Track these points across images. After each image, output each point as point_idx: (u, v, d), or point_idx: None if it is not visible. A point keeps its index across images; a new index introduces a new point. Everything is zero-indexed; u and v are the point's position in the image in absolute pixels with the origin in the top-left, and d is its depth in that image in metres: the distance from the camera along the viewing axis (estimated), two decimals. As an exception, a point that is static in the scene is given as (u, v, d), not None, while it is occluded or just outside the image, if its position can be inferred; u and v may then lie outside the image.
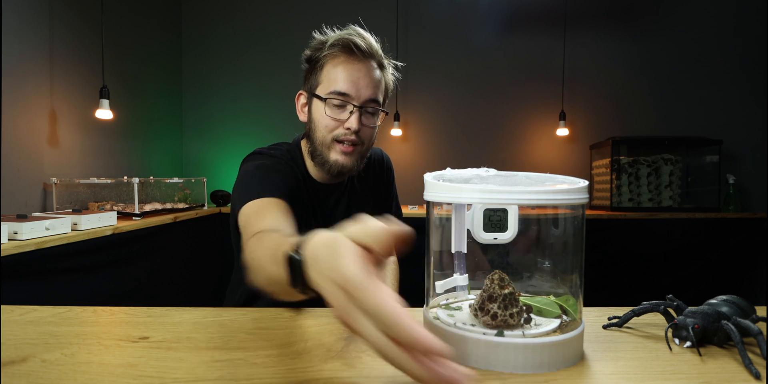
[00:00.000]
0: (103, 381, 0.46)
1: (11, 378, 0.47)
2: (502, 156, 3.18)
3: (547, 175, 0.58)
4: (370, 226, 0.40)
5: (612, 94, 3.14)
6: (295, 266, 0.44)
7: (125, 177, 2.26)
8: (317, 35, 0.90)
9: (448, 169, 0.59)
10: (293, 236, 0.55)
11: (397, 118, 3.07)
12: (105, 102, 2.20)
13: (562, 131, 3.03)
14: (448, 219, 0.59)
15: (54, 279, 1.51)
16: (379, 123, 0.94)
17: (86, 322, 0.66)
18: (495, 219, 0.57)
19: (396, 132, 3.08)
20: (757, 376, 0.47)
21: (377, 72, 0.90)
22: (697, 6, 3.07)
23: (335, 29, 0.90)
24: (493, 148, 3.19)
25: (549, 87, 3.13)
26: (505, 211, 0.57)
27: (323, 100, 0.88)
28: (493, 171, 0.59)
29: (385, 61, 0.93)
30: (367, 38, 0.88)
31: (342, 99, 0.87)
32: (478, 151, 3.18)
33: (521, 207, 0.57)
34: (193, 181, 2.69)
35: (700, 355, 0.53)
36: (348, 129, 0.88)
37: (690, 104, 3.09)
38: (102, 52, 2.32)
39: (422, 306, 0.60)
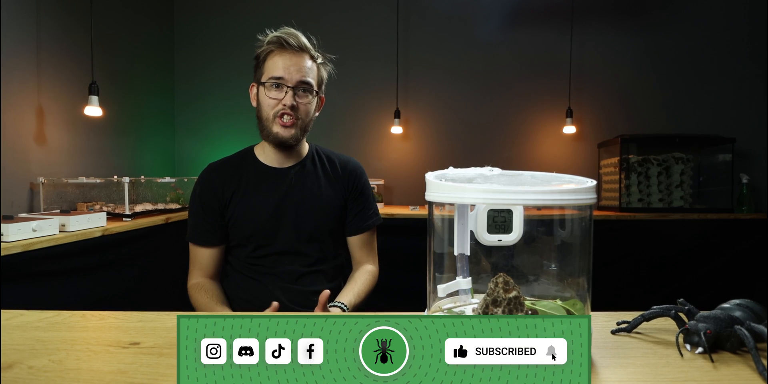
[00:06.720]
0: (91, 391, 0.45)
1: (-6, 387, 0.46)
2: (507, 155, 3.12)
3: (554, 174, 0.57)
4: None
5: (621, 91, 3.08)
6: None
7: (115, 176, 2.23)
8: (261, 37, 1.13)
9: (451, 168, 0.58)
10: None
11: (397, 115, 3.00)
12: (94, 98, 2.16)
13: (569, 129, 2.98)
14: (451, 220, 0.58)
15: (41, 282, 1.48)
16: (314, 103, 1.15)
17: (75, 327, 0.65)
18: (499, 220, 0.57)
19: (396, 130, 3.01)
20: (772, 383, 0.46)
21: (308, 62, 1.12)
22: (707, -1, 3.01)
23: (273, 31, 1.12)
24: (497, 146, 3.13)
25: (555, 83, 3.06)
26: (509, 212, 0.56)
27: (264, 84, 1.12)
28: (497, 170, 0.59)
29: (317, 55, 1.15)
30: (299, 36, 1.11)
31: (277, 81, 1.09)
32: (482, 149, 3.12)
33: (526, 208, 0.56)
34: (185, 180, 2.65)
35: (712, 361, 0.52)
36: (284, 105, 1.09)
37: (701, 101, 3.03)
38: (91, 46, 2.28)
39: (423, 310, 0.59)
